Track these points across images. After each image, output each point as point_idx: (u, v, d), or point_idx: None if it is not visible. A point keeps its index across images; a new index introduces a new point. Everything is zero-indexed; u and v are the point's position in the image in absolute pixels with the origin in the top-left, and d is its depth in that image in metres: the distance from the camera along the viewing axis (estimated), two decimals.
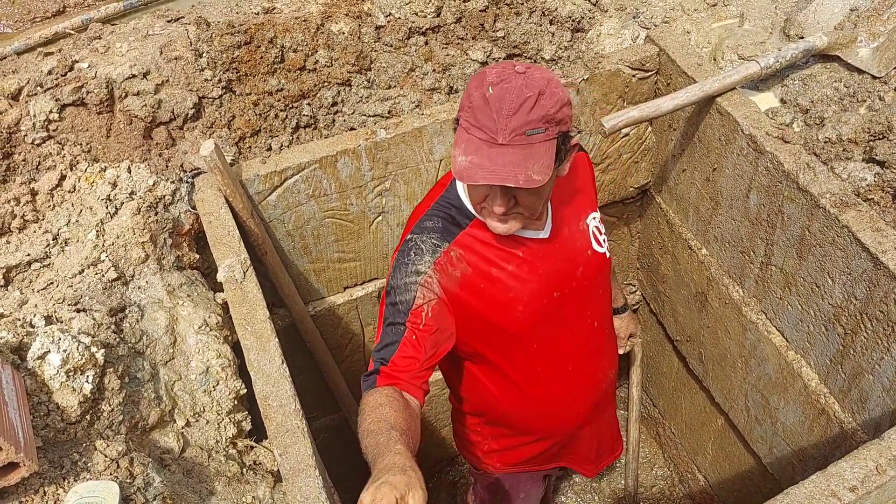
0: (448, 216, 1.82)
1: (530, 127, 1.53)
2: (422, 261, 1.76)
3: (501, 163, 1.53)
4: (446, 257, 1.78)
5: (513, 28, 2.61)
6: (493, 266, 1.82)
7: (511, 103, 1.52)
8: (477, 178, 1.53)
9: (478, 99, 1.55)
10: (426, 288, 1.75)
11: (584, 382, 2.13)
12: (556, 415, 2.15)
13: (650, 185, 3.04)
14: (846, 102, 2.31)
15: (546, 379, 2.04)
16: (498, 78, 1.56)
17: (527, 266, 1.85)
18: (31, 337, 1.71)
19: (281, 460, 1.70)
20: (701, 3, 2.81)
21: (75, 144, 2.25)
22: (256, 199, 2.30)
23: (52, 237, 2.07)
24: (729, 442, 3.06)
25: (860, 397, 2.19)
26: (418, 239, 1.79)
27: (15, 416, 1.51)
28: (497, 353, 1.97)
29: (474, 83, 1.58)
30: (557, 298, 1.92)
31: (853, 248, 2.03)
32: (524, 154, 1.53)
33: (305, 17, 2.52)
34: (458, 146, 1.57)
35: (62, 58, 2.34)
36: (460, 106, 1.62)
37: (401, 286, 1.76)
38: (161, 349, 1.98)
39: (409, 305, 1.74)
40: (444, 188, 1.89)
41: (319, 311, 2.70)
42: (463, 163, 1.54)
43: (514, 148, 1.53)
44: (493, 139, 1.53)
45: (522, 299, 1.86)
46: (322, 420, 3.10)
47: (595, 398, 2.18)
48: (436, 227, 1.80)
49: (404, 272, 1.76)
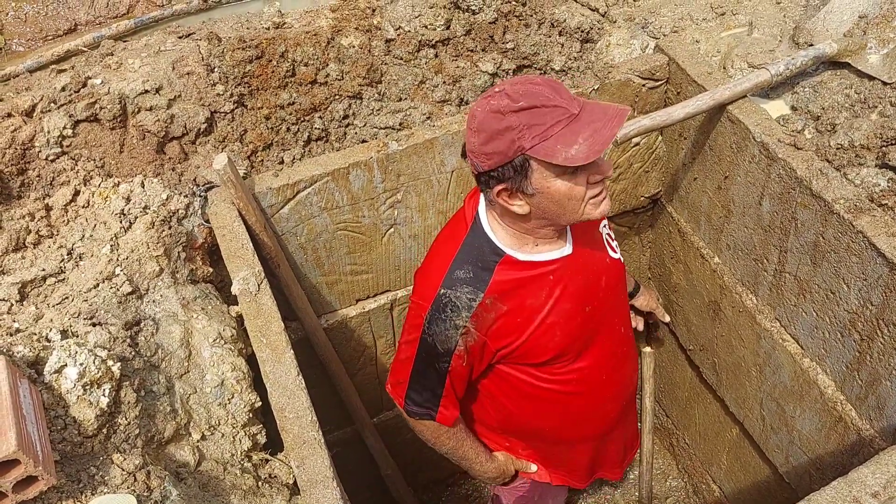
0: (477, 261, 1.82)
1: (567, 92, 1.60)
2: (459, 316, 1.80)
3: (601, 118, 1.56)
4: (482, 307, 1.80)
5: (522, 40, 2.62)
6: (528, 298, 1.85)
7: (543, 89, 1.57)
8: (606, 136, 1.54)
9: (520, 118, 1.55)
10: (466, 336, 1.82)
11: (615, 388, 2.16)
12: (589, 422, 2.18)
13: (661, 195, 3.04)
14: (857, 109, 2.31)
15: (580, 389, 2.06)
16: (506, 100, 1.58)
17: (559, 288, 1.86)
18: (48, 351, 1.72)
19: (298, 472, 1.69)
20: (709, 12, 2.81)
21: (89, 160, 2.27)
22: (269, 213, 2.31)
23: (66, 252, 2.08)
24: (744, 452, 3.04)
25: (878, 404, 2.17)
26: (452, 294, 1.80)
27: (33, 430, 1.50)
28: (532, 371, 1.99)
29: (495, 122, 1.58)
30: (589, 312, 1.94)
31: (868, 254, 2.02)
32: (596, 105, 1.59)
33: (316, 31, 2.53)
34: (555, 153, 1.55)
35: (75, 74, 2.36)
36: (502, 151, 1.59)
37: (441, 338, 1.83)
38: (176, 362, 1.98)
39: (450, 352, 1.84)
40: (469, 225, 1.87)
41: (332, 323, 2.70)
42: (579, 148, 1.54)
43: (589, 108, 1.58)
44: (571, 115, 1.55)
45: (560, 323, 1.89)
46: (335, 434, 3.09)
47: (624, 401, 2.23)
48: (467, 278, 1.81)
49: (443, 327, 1.82)
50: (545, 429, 2.16)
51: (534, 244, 1.83)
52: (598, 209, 1.71)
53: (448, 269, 1.82)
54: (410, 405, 2.01)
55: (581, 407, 2.11)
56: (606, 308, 2.01)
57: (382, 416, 3.18)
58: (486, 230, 1.83)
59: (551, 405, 2.07)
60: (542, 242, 1.83)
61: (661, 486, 3.78)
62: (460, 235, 1.87)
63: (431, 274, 1.87)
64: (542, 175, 1.61)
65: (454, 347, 1.84)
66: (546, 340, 1.90)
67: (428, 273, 1.90)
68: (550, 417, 2.12)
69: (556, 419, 2.13)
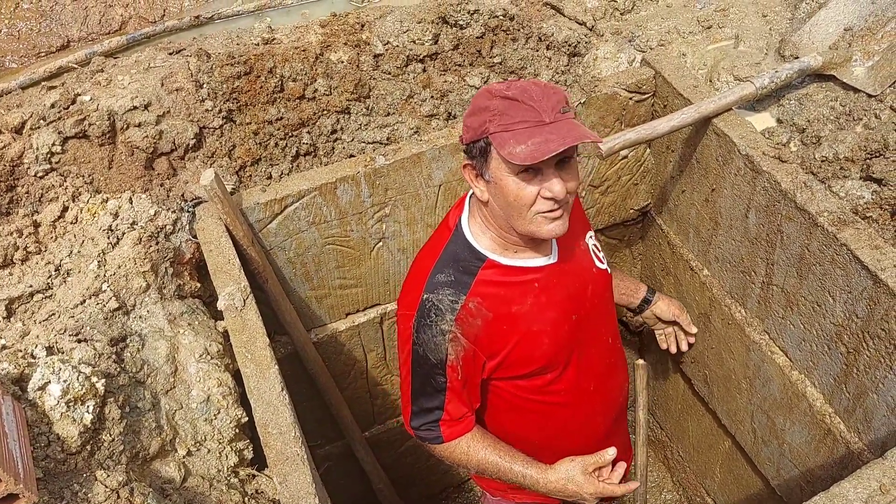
0: (459, 265, 1.84)
1: (561, 105, 1.61)
2: (443, 320, 1.81)
3: (560, 134, 1.57)
4: (465, 311, 1.81)
5: (510, 54, 2.63)
6: (513, 304, 1.85)
7: (536, 90, 1.60)
8: (550, 148, 1.55)
9: (500, 103, 1.61)
10: (454, 343, 1.82)
11: (604, 399, 2.16)
12: (578, 434, 2.17)
13: (650, 207, 3.04)
14: (842, 121, 2.32)
15: (569, 401, 2.06)
16: (504, 86, 1.64)
17: (544, 296, 1.87)
18: (32, 368, 1.72)
19: (281, 489, 1.69)
20: (696, 25, 2.83)
21: (77, 176, 2.28)
22: (257, 227, 2.32)
23: (54, 268, 2.09)
24: (737, 464, 3.03)
25: (865, 416, 2.17)
26: (434, 298, 1.82)
27: (15, 447, 1.51)
28: (520, 384, 1.99)
29: (483, 99, 1.65)
30: (576, 321, 1.94)
31: (852, 266, 2.03)
32: (571, 125, 1.60)
33: (304, 46, 2.55)
34: (505, 145, 1.59)
35: (65, 91, 2.37)
36: (474, 128, 1.66)
37: (430, 346, 1.84)
38: (162, 378, 1.99)
39: (443, 362, 1.84)
40: (451, 232, 1.89)
41: (322, 337, 2.70)
42: (524, 149, 1.57)
43: (560, 123, 1.59)
44: (540, 121, 1.58)
45: (546, 330, 1.89)
46: (326, 448, 3.09)
47: (614, 413, 2.22)
48: (448, 281, 1.82)
49: (430, 333, 1.83)
50: (534, 441, 2.15)
51: (514, 251, 1.84)
52: (547, 227, 1.71)
53: (429, 275, 1.84)
54: (417, 430, 2.01)
55: (569, 419, 2.10)
56: (594, 317, 2.02)
57: (374, 429, 3.18)
58: (468, 236, 1.85)
59: (538, 417, 2.07)
60: (521, 249, 1.85)
61: (656, 499, 3.77)
62: (442, 243, 1.89)
63: (414, 283, 1.89)
64: (499, 166, 1.65)
65: (445, 357, 1.84)
66: (533, 349, 1.90)
67: (410, 283, 1.92)
68: (538, 430, 2.11)
69: (543, 432, 2.12)
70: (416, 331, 1.84)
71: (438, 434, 1.98)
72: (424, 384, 1.92)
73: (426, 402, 1.95)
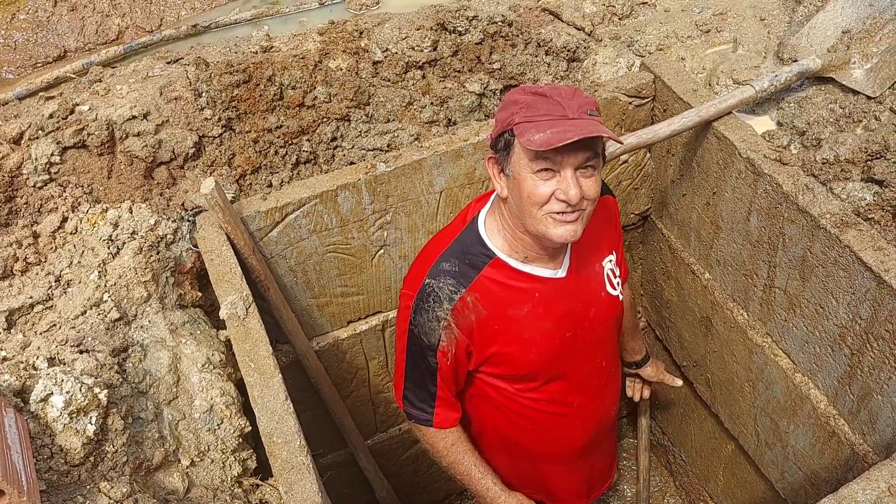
0: (466, 257, 1.86)
1: (588, 108, 1.64)
2: (440, 307, 1.84)
3: (580, 127, 1.59)
4: (462, 303, 1.84)
5: (509, 60, 2.63)
6: (509, 307, 1.87)
7: (565, 91, 1.65)
8: (567, 137, 1.56)
9: (529, 98, 1.65)
10: (448, 330, 1.85)
11: (585, 419, 2.17)
12: (555, 444, 2.17)
13: (651, 211, 3.04)
14: (842, 123, 2.32)
15: (550, 410, 2.07)
16: (536, 85, 1.70)
17: (542, 307, 1.88)
18: (34, 379, 1.70)
19: (286, 497, 1.68)
20: (694, 29, 2.84)
21: (77, 186, 2.27)
22: (258, 236, 2.31)
23: (54, 279, 2.07)
24: (740, 468, 3.03)
25: (870, 418, 2.17)
26: (435, 285, 1.84)
27: (18, 459, 1.49)
28: (503, 382, 2.01)
29: (513, 94, 1.71)
30: (570, 338, 1.95)
31: (855, 268, 2.02)
32: (594, 123, 1.62)
33: (303, 54, 2.54)
34: (526, 133, 1.61)
35: (63, 101, 2.36)
36: (501, 120, 1.69)
37: (426, 329, 1.87)
38: (164, 388, 1.97)
39: (435, 346, 1.87)
40: (465, 223, 1.91)
41: (323, 346, 2.69)
42: (542, 136, 1.59)
43: (584, 120, 1.61)
44: (563, 115, 1.61)
45: (536, 340, 1.91)
46: (329, 456, 3.07)
47: (592, 432, 2.22)
48: (452, 271, 1.85)
49: (426, 318, 1.86)
50: (509, 437, 2.16)
51: (524, 256, 1.85)
52: (556, 229, 1.70)
53: (435, 261, 1.87)
54: (408, 406, 2.04)
55: (548, 427, 2.12)
56: (590, 339, 2.03)
57: (376, 437, 3.16)
58: (482, 231, 1.88)
59: (516, 416, 2.09)
60: (531, 257, 1.86)
61: None
62: (455, 232, 1.92)
63: (420, 265, 1.92)
64: (519, 161, 1.67)
65: (437, 342, 1.87)
66: (520, 355, 1.92)
67: (417, 265, 1.95)
68: (514, 427, 2.12)
69: (520, 431, 2.13)
70: (414, 312, 1.88)
71: (430, 416, 2.01)
72: (417, 363, 1.96)
73: (419, 381, 1.98)
